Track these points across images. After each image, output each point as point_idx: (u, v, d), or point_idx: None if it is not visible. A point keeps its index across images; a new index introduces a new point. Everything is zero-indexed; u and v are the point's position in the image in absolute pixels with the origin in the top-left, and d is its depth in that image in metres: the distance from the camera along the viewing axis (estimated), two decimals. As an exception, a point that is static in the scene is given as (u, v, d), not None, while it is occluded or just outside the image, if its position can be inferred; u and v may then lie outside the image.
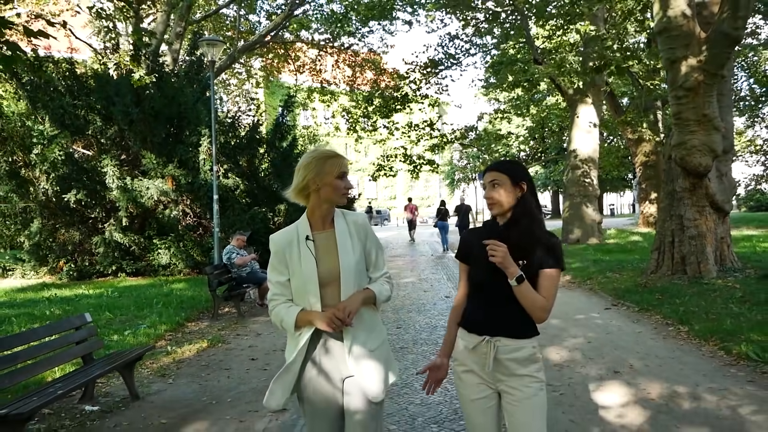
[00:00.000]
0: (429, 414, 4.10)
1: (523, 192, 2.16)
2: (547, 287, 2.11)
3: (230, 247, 9.14)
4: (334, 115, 21.51)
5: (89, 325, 4.89)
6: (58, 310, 8.49)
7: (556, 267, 2.13)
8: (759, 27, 21.17)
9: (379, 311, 2.35)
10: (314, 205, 2.25)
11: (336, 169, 2.19)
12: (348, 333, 2.18)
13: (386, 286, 2.33)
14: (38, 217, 12.31)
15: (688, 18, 8.79)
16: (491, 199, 2.17)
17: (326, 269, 2.19)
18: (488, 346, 2.12)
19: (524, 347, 2.12)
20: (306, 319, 2.16)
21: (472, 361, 2.18)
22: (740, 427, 3.73)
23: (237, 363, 5.86)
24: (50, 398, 3.63)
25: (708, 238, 9.16)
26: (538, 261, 2.12)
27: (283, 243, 2.25)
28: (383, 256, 2.39)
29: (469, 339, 2.20)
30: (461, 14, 17.73)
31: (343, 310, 2.08)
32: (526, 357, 2.11)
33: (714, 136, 8.92)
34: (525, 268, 2.08)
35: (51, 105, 12.42)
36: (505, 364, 2.12)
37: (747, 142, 34.73)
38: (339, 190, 2.21)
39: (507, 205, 2.15)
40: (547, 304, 2.10)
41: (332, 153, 2.23)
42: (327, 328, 2.09)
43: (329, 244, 2.23)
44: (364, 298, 2.19)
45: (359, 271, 2.24)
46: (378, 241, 2.38)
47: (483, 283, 2.16)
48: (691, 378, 4.76)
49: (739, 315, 6.56)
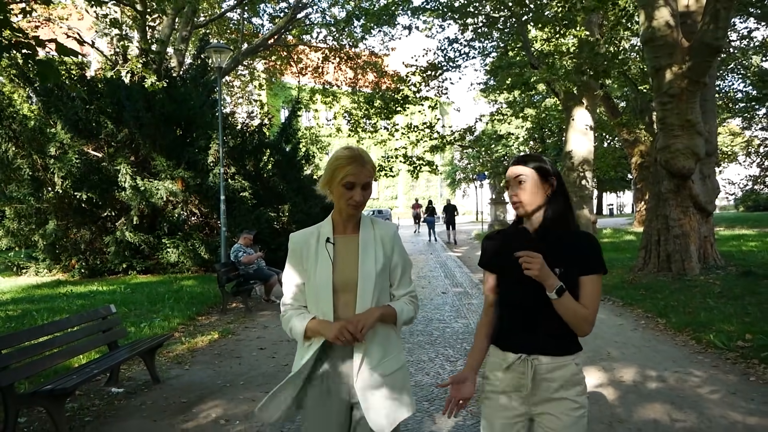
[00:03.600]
0: (421, 394, 4.58)
1: (552, 189, 1.93)
2: (588, 295, 1.88)
3: (237, 246, 9.63)
4: (336, 116, 21.97)
5: (114, 315, 5.38)
6: (76, 304, 8.99)
7: (597, 272, 1.91)
8: (752, 31, 21.56)
9: (399, 333, 2.13)
10: (337, 206, 2.08)
11: (342, 178, 1.98)
12: (359, 351, 1.97)
13: (410, 306, 2.11)
14: (53, 218, 12.83)
15: (671, 28, 9.26)
16: (516, 198, 1.93)
17: (343, 276, 2.01)
18: (525, 365, 1.89)
19: (566, 365, 1.89)
20: (316, 329, 1.97)
21: (504, 382, 1.95)
22: (697, 404, 4.21)
23: (247, 352, 6.35)
24: (87, 377, 4.12)
25: (692, 237, 9.63)
26: (576, 267, 1.89)
27: (301, 242, 2.09)
28: (410, 274, 2.18)
29: (502, 357, 1.96)
30: (460, 19, 18.20)
31: (356, 323, 1.89)
32: (568, 377, 1.88)
33: (697, 140, 9.39)
34: (563, 277, 1.85)
35: (64, 110, 12.92)
36: (544, 385, 1.88)
37: (743, 143, 35.20)
38: (344, 200, 2.01)
39: (533, 205, 1.92)
40: (590, 314, 1.87)
41: (342, 160, 2.00)
42: (334, 340, 1.90)
43: (350, 249, 2.06)
44: (382, 314, 1.99)
45: (380, 284, 2.03)
46: (407, 257, 2.16)
47: (517, 297, 1.94)
48: (662, 364, 5.25)
49: (713, 308, 7.04)
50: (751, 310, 6.80)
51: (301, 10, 21.59)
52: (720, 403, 4.22)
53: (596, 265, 1.90)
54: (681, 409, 4.09)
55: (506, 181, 2.00)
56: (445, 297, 9.42)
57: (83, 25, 20.01)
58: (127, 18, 17.95)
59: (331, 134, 24.30)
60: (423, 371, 5.21)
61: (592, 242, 1.93)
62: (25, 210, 12.89)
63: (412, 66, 19.68)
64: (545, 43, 17.46)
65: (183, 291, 10.23)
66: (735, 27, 21.42)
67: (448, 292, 9.97)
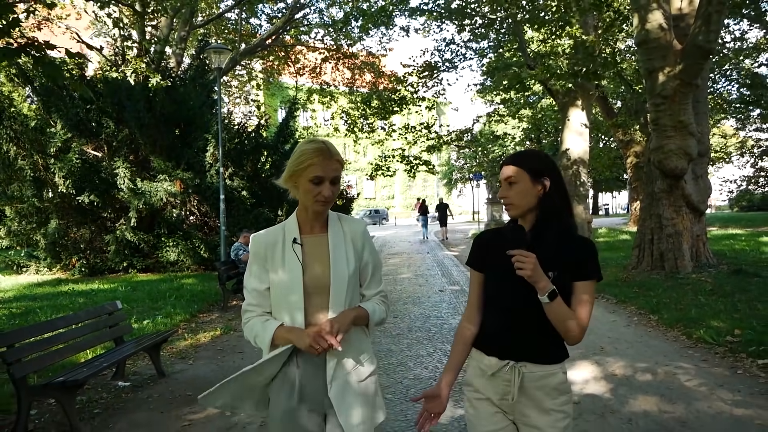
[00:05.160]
0: (420, 386, 4.73)
1: (545, 189, 1.84)
2: (581, 302, 1.79)
3: (238, 245, 9.77)
4: (333, 117, 22.11)
5: (120, 311, 5.52)
6: (78, 302, 9.11)
7: (591, 277, 1.82)
8: (745, 32, 21.79)
9: (370, 336, 2.03)
10: (303, 203, 1.95)
11: (308, 172, 1.85)
12: (332, 358, 1.88)
13: (382, 306, 2.03)
14: (55, 217, 12.94)
15: (665, 30, 9.43)
16: (505, 198, 1.87)
17: (314, 278, 1.89)
18: (512, 372, 1.81)
19: (554, 373, 1.82)
20: (285, 337, 1.84)
21: (489, 389, 1.87)
22: (685, 396, 4.36)
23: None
24: (97, 369, 4.26)
25: (684, 236, 9.81)
26: (570, 271, 1.81)
27: (265, 244, 1.94)
28: (380, 272, 2.09)
29: (487, 363, 1.87)
30: (457, 20, 18.36)
31: (330, 328, 1.77)
32: (555, 386, 1.81)
33: (689, 140, 9.56)
34: (555, 281, 1.77)
35: (65, 109, 13.03)
36: (531, 393, 1.81)
37: (738, 143, 35.48)
38: (311, 196, 1.87)
39: (525, 206, 1.84)
40: (582, 321, 1.78)
41: (308, 153, 1.86)
42: (309, 349, 1.78)
43: (320, 250, 1.93)
44: (355, 316, 1.89)
45: (352, 285, 1.94)
46: (378, 255, 2.08)
47: (507, 299, 1.85)
48: (653, 358, 5.41)
49: (704, 305, 7.22)
50: (740, 306, 6.97)
51: (299, 11, 21.74)
52: (708, 395, 4.38)
53: (591, 271, 1.82)
54: (670, 401, 4.25)
55: (499, 181, 1.95)
56: (443, 295, 9.57)
57: (81, 25, 20.10)
58: (125, 18, 18.05)
59: (328, 134, 24.44)
60: (422, 365, 5.36)
61: (588, 246, 1.85)
62: (26, 209, 13.00)
63: (409, 66, 19.83)
64: (541, 44, 17.65)
65: (184, 289, 10.36)
66: (729, 29, 21.66)
67: (445, 290, 10.13)
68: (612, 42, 17.95)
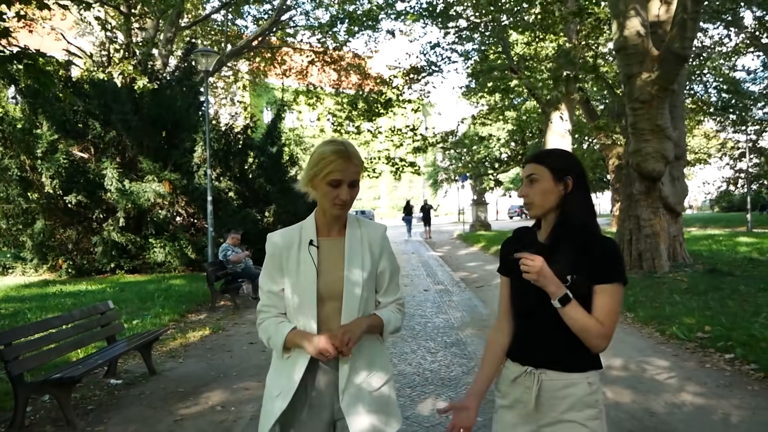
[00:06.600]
0: (404, 381, 4.93)
1: (567, 189, 1.77)
2: (604, 307, 1.69)
3: (226, 246, 9.90)
4: (320, 118, 22.25)
5: (112, 311, 5.66)
6: (67, 303, 9.18)
7: (615, 280, 1.71)
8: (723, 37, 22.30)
9: (385, 344, 1.98)
10: (321, 205, 1.91)
11: (326, 174, 1.81)
12: (344, 365, 1.83)
13: (398, 315, 1.97)
14: (41, 218, 12.96)
15: (642, 37, 9.73)
16: (526, 197, 1.81)
17: (328, 283, 1.85)
18: (531, 378, 1.75)
19: (577, 383, 1.72)
20: (296, 341, 1.81)
21: (511, 396, 1.82)
22: (656, 388, 4.61)
23: (237, 346, 6.65)
24: (92, 366, 4.41)
25: (662, 237, 10.12)
26: (591, 274, 1.71)
27: (281, 245, 1.90)
28: (398, 279, 2.02)
29: (511, 369, 1.84)
30: (442, 23, 18.61)
31: (342, 335, 1.73)
32: (578, 397, 1.71)
33: (666, 144, 9.87)
34: (574, 285, 1.68)
35: (51, 110, 13.05)
36: (551, 403, 1.73)
37: (718, 145, 36.10)
38: (328, 199, 1.83)
39: (546, 205, 1.78)
40: (603, 329, 1.68)
41: (327, 155, 1.82)
42: (317, 356, 1.75)
43: (336, 253, 1.89)
44: (369, 324, 1.84)
45: (367, 292, 1.88)
46: (395, 261, 2.01)
47: (528, 303, 1.79)
48: (626, 353, 5.65)
49: (678, 303, 7.49)
50: (712, 304, 7.26)
51: (285, 13, 21.84)
52: (676, 387, 4.62)
53: (613, 273, 1.71)
54: (641, 393, 4.49)
55: (520, 179, 1.90)
56: (427, 294, 9.79)
57: (65, 25, 20.06)
58: (111, 19, 18.06)
59: (315, 135, 24.57)
60: (405, 362, 5.56)
61: (611, 248, 1.75)
62: (13, 210, 13.01)
63: (395, 68, 20.03)
64: (525, 47, 17.96)
65: (172, 289, 10.46)
66: (708, 33, 22.14)
67: (430, 289, 10.34)
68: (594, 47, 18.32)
